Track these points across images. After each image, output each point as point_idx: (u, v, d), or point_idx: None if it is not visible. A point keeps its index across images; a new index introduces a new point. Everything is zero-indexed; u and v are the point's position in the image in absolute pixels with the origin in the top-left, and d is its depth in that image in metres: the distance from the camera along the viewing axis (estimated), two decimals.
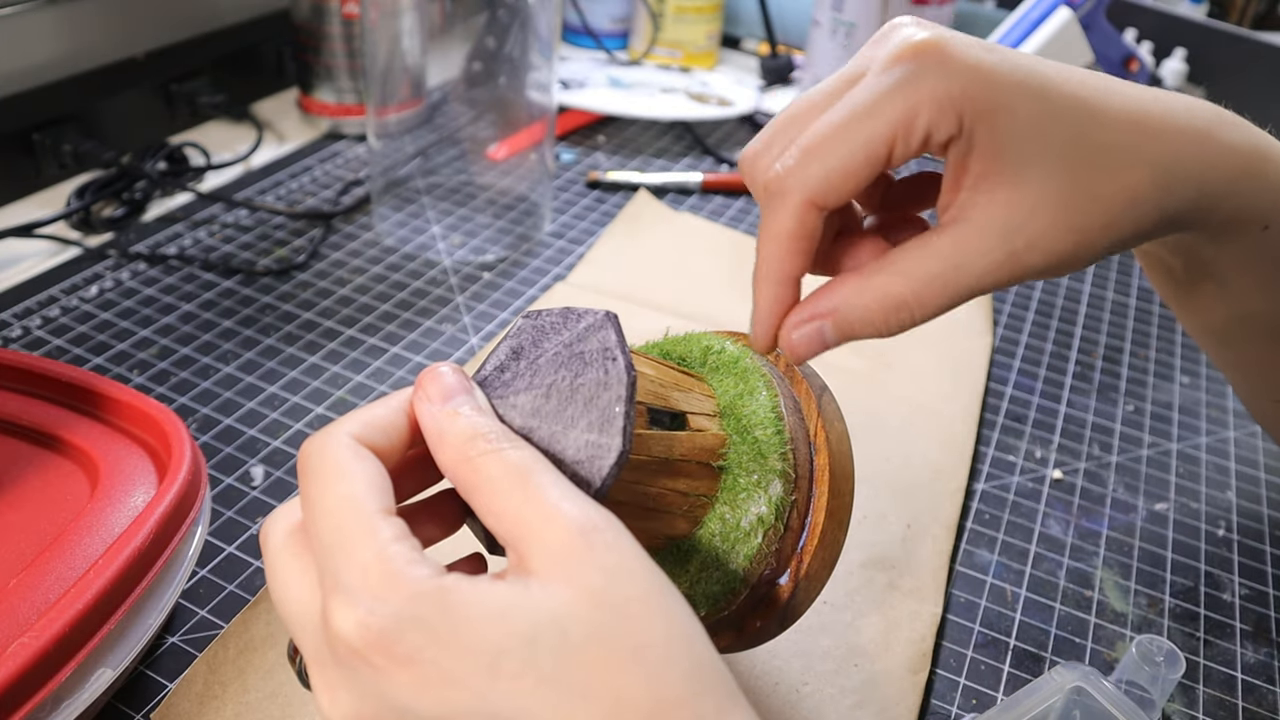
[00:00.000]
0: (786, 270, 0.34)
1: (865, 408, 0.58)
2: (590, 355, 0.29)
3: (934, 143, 0.32)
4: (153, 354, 0.58)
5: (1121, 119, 0.33)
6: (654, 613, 0.25)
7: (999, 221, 0.32)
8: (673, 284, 0.69)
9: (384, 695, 0.24)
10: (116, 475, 0.41)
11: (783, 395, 0.36)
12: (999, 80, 0.32)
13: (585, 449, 0.28)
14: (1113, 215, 0.33)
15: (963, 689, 0.44)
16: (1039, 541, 0.52)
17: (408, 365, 0.60)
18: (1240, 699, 0.45)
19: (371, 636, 0.24)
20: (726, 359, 0.37)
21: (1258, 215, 0.36)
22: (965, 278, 0.32)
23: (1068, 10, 0.85)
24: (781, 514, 0.34)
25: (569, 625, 0.24)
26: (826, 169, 0.32)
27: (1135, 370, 0.67)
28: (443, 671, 0.24)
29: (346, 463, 0.26)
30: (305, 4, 0.81)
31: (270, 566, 0.28)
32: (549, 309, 0.32)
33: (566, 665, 0.24)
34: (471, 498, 0.27)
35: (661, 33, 1.02)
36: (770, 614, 0.35)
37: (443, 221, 0.74)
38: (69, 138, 0.72)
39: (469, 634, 0.24)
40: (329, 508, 0.26)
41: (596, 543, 0.25)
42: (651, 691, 0.24)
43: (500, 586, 0.25)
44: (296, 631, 0.27)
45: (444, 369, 0.29)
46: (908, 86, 0.31)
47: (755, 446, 0.34)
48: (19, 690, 0.32)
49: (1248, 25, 1.47)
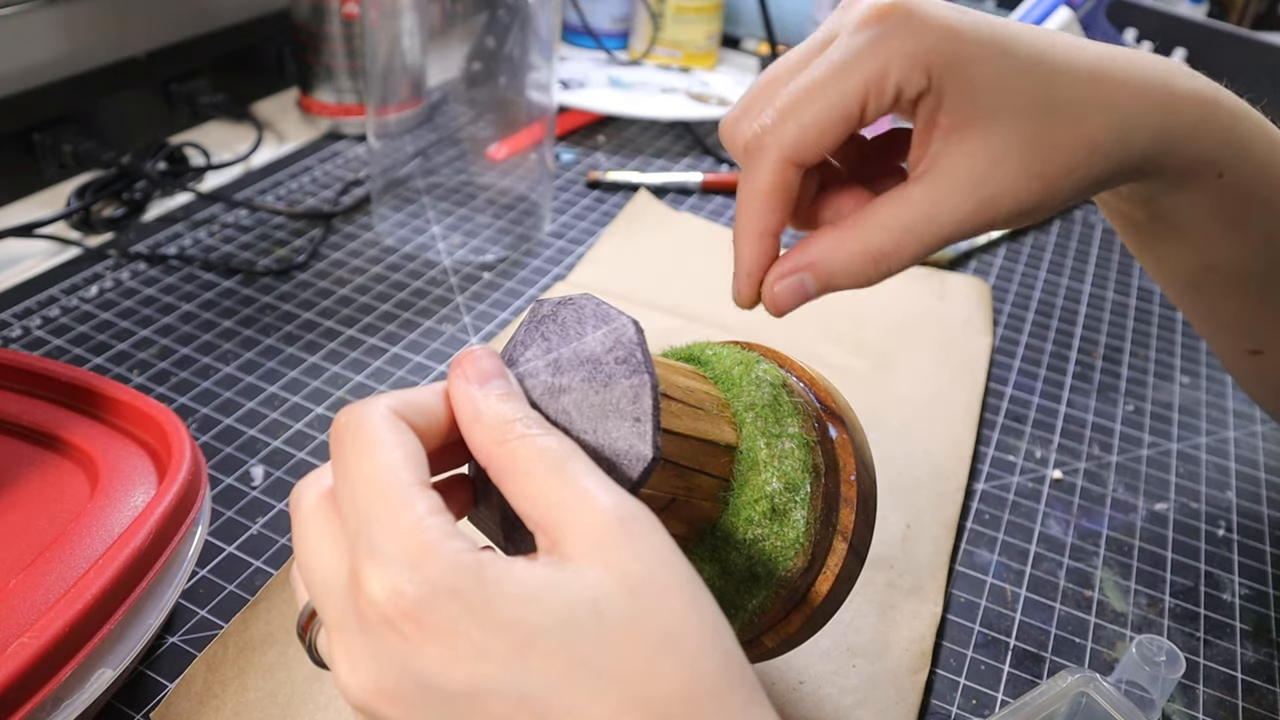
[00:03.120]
0: (767, 224, 0.35)
1: (865, 408, 0.58)
2: (618, 358, 0.29)
3: (904, 98, 0.34)
4: (153, 354, 0.58)
5: (1081, 71, 0.35)
6: (688, 604, 0.25)
7: (968, 171, 0.34)
8: (673, 284, 0.69)
9: (409, 666, 0.24)
10: (116, 475, 0.41)
11: (801, 399, 0.36)
12: (966, 36, 0.33)
13: (615, 450, 0.28)
14: (1075, 161, 0.35)
15: (963, 689, 0.44)
16: (1039, 541, 0.52)
17: (408, 365, 0.60)
18: (1240, 699, 0.45)
19: (407, 604, 0.23)
20: (736, 360, 0.37)
21: (1213, 162, 0.38)
22: (939, 227, 0.34)
23: (1068, 10, 0.85)
24: (813, 509, 0.34)
25: (605, 609, 0.24)
26: (802, 126, 0.33)
27: (1135, 370, 0.67)
28: (474, 646, 0.23)
29: (385, 432, 0.26)
30: (305, 4, 0.81)
31: (299, 530, 0.27)
32: (571, 296, 0.31)
33: (600, 648, 0.23)
34: (504, 480, 0.26)
35: (661, 33, 1.02)
36: (803, 614, 0.35)
37: (443, 221, 0.74)
38: (69, 138, 0.72)
39: (504, 610, 0.24)
40: (366, 475, 0.25)
41: (634, 531, 0.25)
42: (683, 680, 0.24)
43: (535, 567, 0.25)
44: (321, 598, 0.26)
45: (482, 352, 0.29)
46: (878, 45, 0.33)
47: (777, 441, 0.34)
48: (19, 690, 0.32)
49: (1248, 25, 1.47)
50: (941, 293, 0.71)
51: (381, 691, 0.24)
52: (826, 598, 0.34)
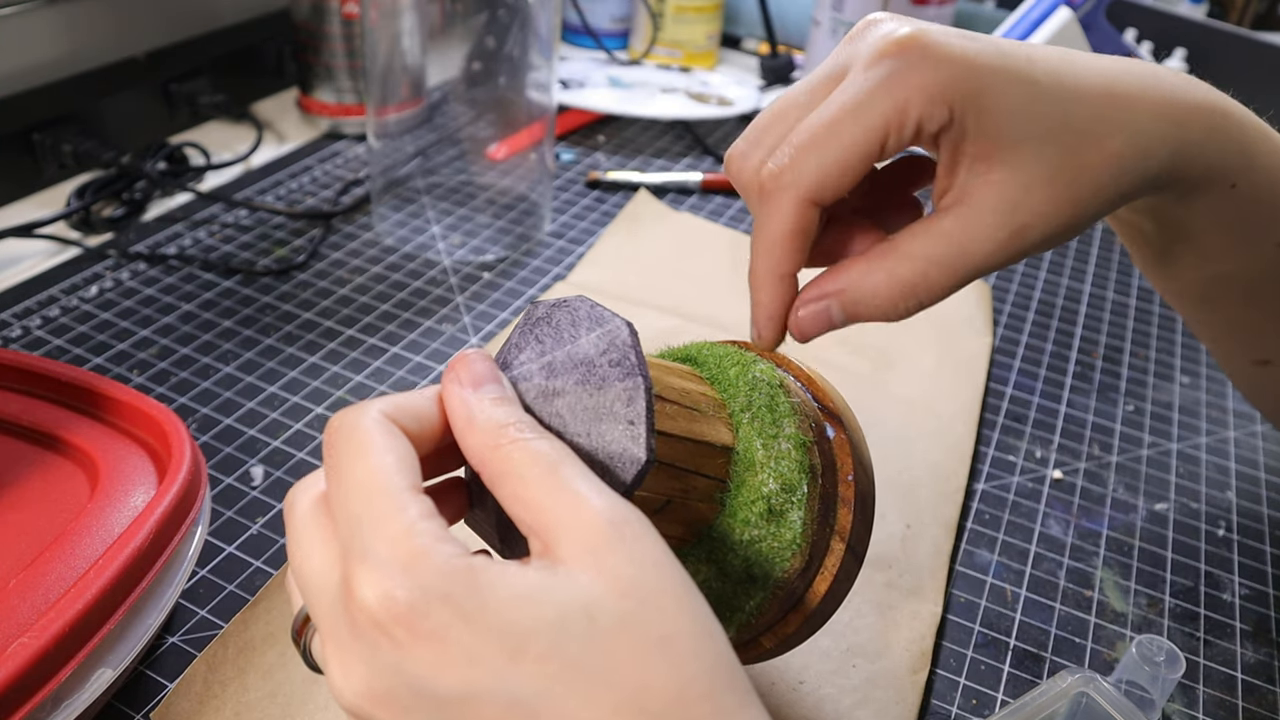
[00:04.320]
0: (786, 268, 0.35)
1: (865, 408, 0.58)
2: (611, 360, 0.29)
3: (925, 134, 0.33)
4: (153, 354, 0.58)
5: (1098, 90, 0.34)
6: (681, 606, 0.25)
7: (999, 201, 0.33)
8: (673, 284, 0.69)
9: (401, 671, 0.24)
10: (116, 475, 0.41)
11: (799, 400, 0.36)
12: (983, 67, 0.33)
13: (608, 453, 0.28)
14: (1101, 182, 0.34)
15: (963, 689, 0.44)
16: (1039, 541, 0.52)
17: (408, 365, 0.60)
18: (1240, 699, 0.45)
19: (398, 610, 0.23)
20: (732, 360, 0.37)
21: (1225, 172, 0.38)
22: (972, 258, 0.34)
23: (1068, 10, 0.85)
24: (810, 510, 0.34)
25: (597, 613, 0.24)
26: (822, 166, 0.33)
27: (1135, 370, 0.67)
28: (466, 650, 0.23)
29: (378, 437, 0.26)
30: (305, 4, 0.81)
31: (293, 534, 0.27)
32: (565, 299, 0.31)
33: (593, 652, 0.23)
34: (497, 484, 0.26)
35: (661, 32, 1.02)
36: (801, 615, 0.35)
37: (443, 221, 0.74)
38: (69, 138, 0.72)
39: (496, 615, 0.24)
40: (359, 480, 0.26)
41: (626, 534, 0.25)
42: (676, 682, 0.24)
43: (528, 571, 0.25)
44: (314, 602, 0.26)
45: (475, 355, 0.29)
46: (895, 81, 0.32)
47: (774, 442, 0.34)
48: (19, 690, 0.32)
49: (1248, 25, 1.47)
50: None
51: (374, 696, 0.24)
52: (824, 598, 0.34)
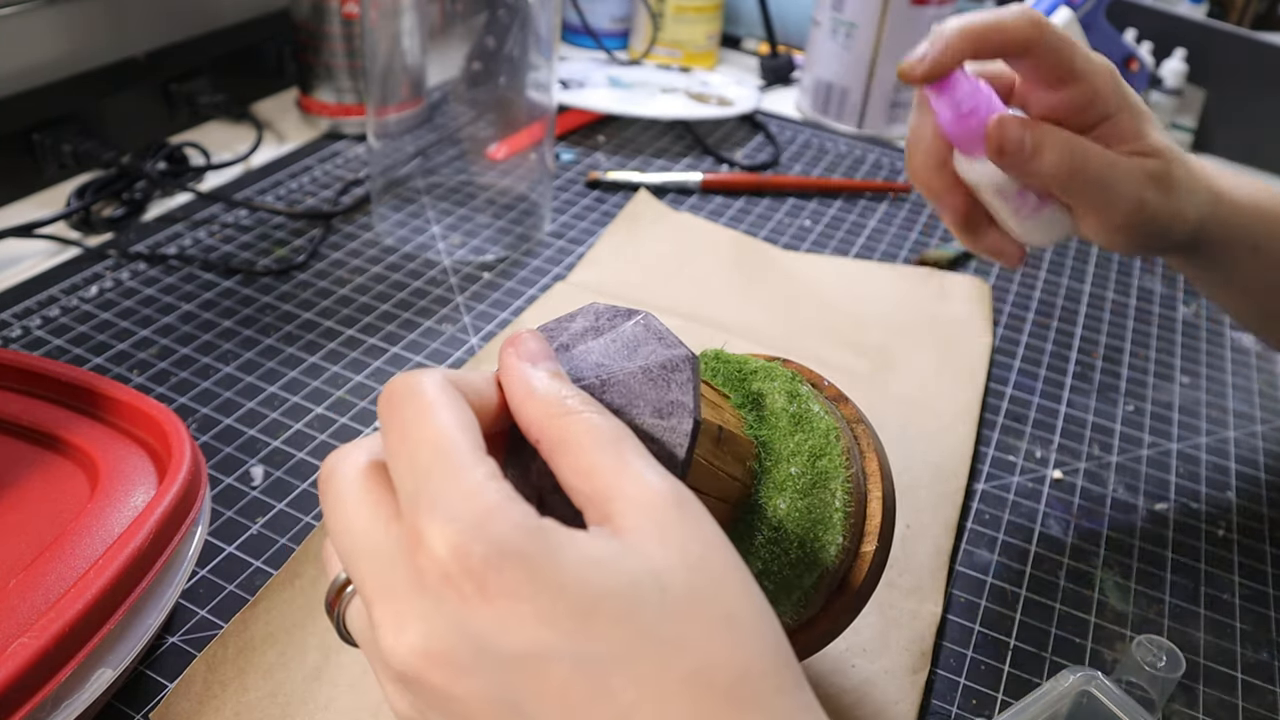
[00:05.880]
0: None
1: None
2: (662, 385, 0.29)
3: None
4: (153, 354, 0.58)
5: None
6: (744, 587, 0.25)
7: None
8: (673, 284, 0.69)
9: (465, 627, 0.23)
10: (116, 475, 0.41)
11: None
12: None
13: (657, 430, 0.28)
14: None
15: (963, 689, 0.44)
16: (1039, 541, 0.52)
17: (408, 365, 0.60)
18: (1240, 699, 0.45)
19: (472, 563, 0.23)
20: (761, 370, 0.38)
21: (1242, 242, 0.47)
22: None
23: (1068, 10, 0.85)
24: (850, 498, 0.35)
25: (668, 582, 0.24)
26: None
27: (1135, 370, 0.67)
28: (537, 610, 0.23)
29: (445, 397, 0.26)
30: (305, 4, 0.80)
31: (336, 499, 0.27)
32: (633, 310, 0.31)
33: (663, 620, 0.24)
34: (557, 453, 0.26)
35: (661, 33, 1.02)
36: (845, 599, 0.36)
37: (443, 221, 0.74)
38: (69, 138, 0.72)
39: (570, 576, 0.23)
40: (427, 436, 0.25)
41: (688, 514, 0.25)
42: (741, 659, 0.24)
43: (596, 538, 0.25)
44: (360, 563, 0.26)
45: (530, 335, 0.29)
46: None
47: (807, 444, 0.35)
48: (19, 690, 0.32)
49: (1248, 25, 1.47)
50: (942, 293, 0.71)
51: (430, 655, 0.24)
52: (864, 580, 0.36)
